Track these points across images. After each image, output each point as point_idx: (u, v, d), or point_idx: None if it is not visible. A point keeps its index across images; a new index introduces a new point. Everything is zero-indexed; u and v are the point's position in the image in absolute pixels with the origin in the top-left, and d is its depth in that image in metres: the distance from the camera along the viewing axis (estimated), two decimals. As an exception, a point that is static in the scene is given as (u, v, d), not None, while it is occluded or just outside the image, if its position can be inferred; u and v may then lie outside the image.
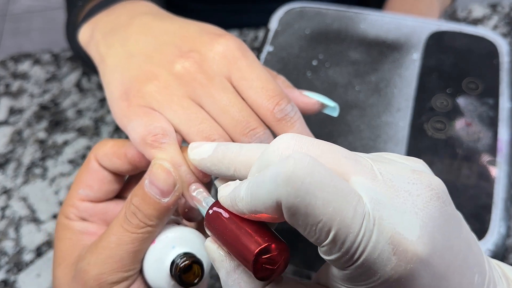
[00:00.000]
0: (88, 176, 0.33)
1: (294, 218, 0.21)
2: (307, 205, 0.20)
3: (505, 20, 0.72)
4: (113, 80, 0.34)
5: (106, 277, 0.29)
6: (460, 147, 0.43)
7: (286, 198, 0.20)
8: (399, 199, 0.21)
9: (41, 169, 0.60)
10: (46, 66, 0.71)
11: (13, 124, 0.65)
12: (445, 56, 0.49)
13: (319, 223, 0.20)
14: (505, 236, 0.39)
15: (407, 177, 0.22)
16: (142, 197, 0.29)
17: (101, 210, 0.34)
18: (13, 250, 0.55)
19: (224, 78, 0.32)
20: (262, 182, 0.22)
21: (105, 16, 0.39)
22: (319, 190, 0.20)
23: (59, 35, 0.86)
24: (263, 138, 0.31)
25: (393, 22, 0.51)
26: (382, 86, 0.47)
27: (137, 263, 0.30)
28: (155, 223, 0.29)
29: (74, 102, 0.66)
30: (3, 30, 1.76)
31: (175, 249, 0.30)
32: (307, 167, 0.20)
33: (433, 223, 0.21)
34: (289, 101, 0.31)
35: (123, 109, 0.32)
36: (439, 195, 0.22)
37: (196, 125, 0.31)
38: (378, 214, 0.21)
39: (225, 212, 0.24)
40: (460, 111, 0.45)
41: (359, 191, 0.21)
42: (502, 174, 0.41)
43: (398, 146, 0.43)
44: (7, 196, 0.59)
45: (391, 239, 0.20)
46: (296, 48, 0.50)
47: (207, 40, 0.33)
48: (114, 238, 0.29)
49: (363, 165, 0.22)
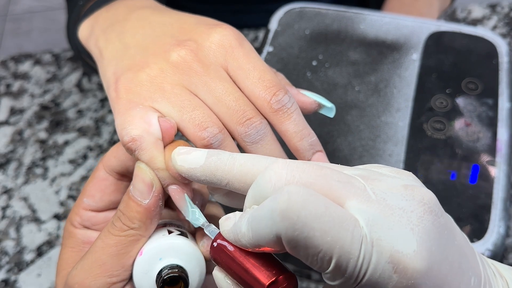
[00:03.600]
0: (92, 186, 0.33)
1: (295, 250, 0.21)
2: (305, 237, 0.21)
3: (504, 20, 0.72)
4: (108, 71, 0.34)
5: (89, 282, 0.29)
6: (459, 147, 0.43)
7: (285, 232, 0.21)
8: (394, 217, 0.22)
9: (42, 169, 0.61)
10: (46, 66, 0.71)
11: (14, 124, 0.65)
12: (444, 56, 0.49)
13: (320, 253, 0.21)
14: (504, 236, 0.39)
15: (400, 194, 0.22)
16: (126, 201, 0.29)
17: (103, 219, 0.34)
18: (14, 250, 0.55)
19: (220, 67, 0.32)
20: (261, 218, 0.22)
21: (105, 12, 0.39)
22: (315, 221, 0.21)
23: (59, 35, 0.87)
24: (260, 128, 0.31)
25: (393, 23, 0.52)
26: (382, 86, 0.47)
27: (121, 269, 0.29)
28: (137, 226, 0.29)
29: (75, 102, 0.67)
30: (3, 30, 1.76)
31: (162, 261, 0.29)
32: (301, 200, 0.21)
33: (428, 237, 0.21)
34: (286, 92, 0.31)
35: (112, 101, 0.32)
36: (432, 208, 0.22)
37: (189, 112, 0.30)
38: (376, 235, 0.21)
39: (230, 245, 0.25)
40: (459, 111, 0.45)
41: (355, 214, 0.22)
42: (501, 174, 0.41)
43: (398, 146, 0.43)
44: (8, 196, 0.59)
45: (390, 258, 0.21)
46: (296, 48, 0.51)
47: (203, 30, 0.33)
48: (99, 242, 0.29)
49: (356, 187, 0.23)
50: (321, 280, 0.49)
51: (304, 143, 0.31)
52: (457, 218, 0.40)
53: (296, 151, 0.32)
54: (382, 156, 0.43)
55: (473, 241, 0.39)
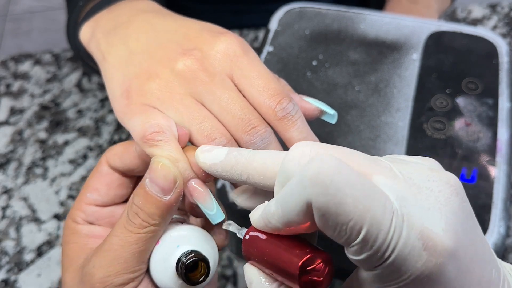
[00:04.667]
0: (97, 180, 0.33)
1: (324, 219, 0.21)
2: (337, 203, 0.20)
3: (504, 20, 0.72)
4: (114, 78, 0.34)
5: (112, 279, 0.29)
6: (459, 147, 0.43)
7: (315, 198, 0.20)
8: (422, 196, 0.22)
9: (42, 169, 0.61)
10: (46, 66, 0.71)
11: (14, 124, 0.65)
12: (444, 56, 0.49)
13: (350, 222, 0.20)
14: (505, 236, 0.39)
15: (426, 175, 0.22)
16: (143, 196, 0.29)
17: (108, 214, 0.34)
18: (14, 250, 0.55)
19: (226, 76, 0.32)
20: (290, 191, 0.22)
21: (106, 14, 0.39)
22: (348, 188, 0.20)
23: (59, 35, 0.87)
24: (265, 136, 0.31)
25: (393, 23, 0.52)
26: (382, 86, 0.47)
27: (142, 264, 0.29)
28: (158, 222, 0.29)
29: (75, 102, 0.67)
30: (3, 30, 1.76)
31: (180, 248, 0.29)
32: (334, 166, 0.20)
33: (455, 218, 0.21)
34: (290, 99, 0.31)
35: (124, 107, 0.32)
36: (458, 191, 0.22)
37: (198, 124, 0.31)
38: (406, 211, 0.21)
39: (262, 234, 0.25)
40: (459, 111, 0.45)
41: (384, 189, 0.21)
42: (501, 174, 0.41)
43: (398, 146, 0.43)
44: (8, 196, 0.59)
45: (420, 234, 0.21)
46: (296, 48, 0.51)
47: (208, 38, 0.33)
48: (117, 240, 0.29)
49: (382, 166, 0.23)
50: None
51: None
52: (457, 218, 0.40)
53: None
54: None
55: (473, 241, 0.39)
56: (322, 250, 0.24)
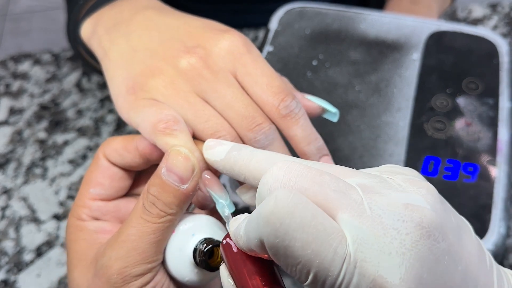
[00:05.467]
0: (98, 174, 0.33)
1: (276, 258, 0.21)
2: (286, 246, 0.20)
3: (505, 20, 0.72)
4: (117, 76, 0.34)
5: (129, 270, 0.28)
6: (460, 147, 0.43)
7: (267, 238, 0.21)
8: (386, 238, 0.20)
9: (41, 169, 0.61)
10: (46, 66, 0.71)
11: (13, 124, 0.65)
12: (445, 56, 0.49)
13: (299, 265, 0.20)
14: (505, 236, 0.39)
15: (398, 213, 0.21)
16: (160, 186, 0.28)
17: (113, 208, 0.33)
18: (13, 250, 0.55)
19: (229, 73, 0.32)
20: (251, 221, 0.22)
21: (108, 11, 0.39)
22: (298, 231, 0.20)
23: (59, 35, 0.87)
24: (269, 133, 0.31)
25: (393, 22, 0.51)
26: (382, 86, 0.47)
27: (159, 254, 0.29)
28: (175, 211, 0.29)
29: (74, 102, 0.67)
30: (3, 30, 1.76)
31: (195, 236, 0.29)
32: (288, 206, 0.20)
33: (421, 264, 0.20)
34: (293, 97, 0.32)
35: (130, 103, 0.32)
36: (431, 232, 0.21)
37: (202, 122, 0.31)
38: (361, 256, 0.20)
39: (234, 247, 0.25)
40: (460, 111, 0.45)
41: (345, 229, 0.21)
42: (502, 174, 0.41)
43: (398, 146, 0.43)
44: (7, 196, 0.59)
45: (372, 282, 0.20)
46: (296, 48, 0.51)
47: (212, 36, 0.33)
48: (134, 231, 0.29)
49: (352, 200, 0.21)
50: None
51: (312, 147, 0.32)
52: (458, 218, 0.40)
53: (304, 155, 0.32)
54: (383, 156, 0.43)
55: (474, 241, 0.39)
56: (280, 281, 0.24)
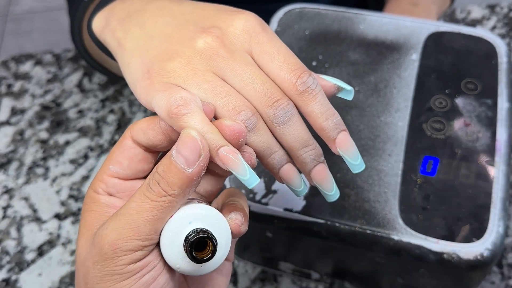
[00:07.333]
0: (120, 154, 0.33)
1: None
2: None
3: (503, 21, 0.72)
4: (133, 62, 0.34)
5: (121, 243, 0.29)
6: (458, 147, 0.43)
7: None
8: None
9: (43, 169, 0.61)
10: (47, 67, 0.71)
11: (15, 124, 0.65)
12: (444, 56, 0.49)
13: None
14: (504, 236, 0.39)
15: None
16: (167, 165, 0.29)
17: (129, 187, 0.34)
18: (15, 250, 0.55)
19: (245, 52, 0.33)
20: None
21: (120, 3, 0.40)
22: None
23: (60, 35, 0.87)
24: (288, 109, 0.31)
25: (392, 23, 0.52)
26: (381, 87, 0.47)
27: (154, 234, 0.29)
28: (176, 193, 0.29)
29: (76, 102, 0.67)
30: (4, 30, 1.77)
31: (191, 225, 0.29)
32: None
33: None
34: (310, 74, 0.32)
35: (146, 88, 0.32)
36: None
37: (222, 97, 0.31)
38: None
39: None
40: (458, 111, 0.45)
41: None
42: (500, 174, 0.41)
43: (397, 146, 0.43)
44: (9, 196, 0.59)
45: None
46: (295, 49, 0.51)
47: (226, 17, 0.34)
48: (134, 205, 0.29)
49: None
50: (320, 280, 0.49)
51: (330, 122, 0.32)
52: (457, 218, 0.40)
53: (322, 131, 0.32)
54: (382, 156, 0.43)
55: (472, 240, 0.39)
56: None
